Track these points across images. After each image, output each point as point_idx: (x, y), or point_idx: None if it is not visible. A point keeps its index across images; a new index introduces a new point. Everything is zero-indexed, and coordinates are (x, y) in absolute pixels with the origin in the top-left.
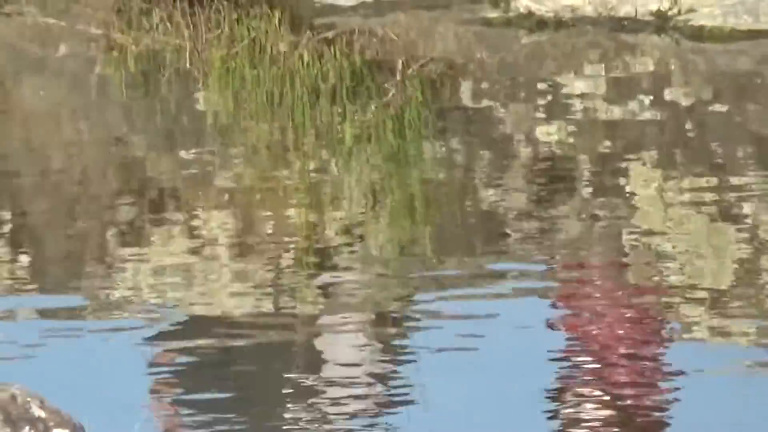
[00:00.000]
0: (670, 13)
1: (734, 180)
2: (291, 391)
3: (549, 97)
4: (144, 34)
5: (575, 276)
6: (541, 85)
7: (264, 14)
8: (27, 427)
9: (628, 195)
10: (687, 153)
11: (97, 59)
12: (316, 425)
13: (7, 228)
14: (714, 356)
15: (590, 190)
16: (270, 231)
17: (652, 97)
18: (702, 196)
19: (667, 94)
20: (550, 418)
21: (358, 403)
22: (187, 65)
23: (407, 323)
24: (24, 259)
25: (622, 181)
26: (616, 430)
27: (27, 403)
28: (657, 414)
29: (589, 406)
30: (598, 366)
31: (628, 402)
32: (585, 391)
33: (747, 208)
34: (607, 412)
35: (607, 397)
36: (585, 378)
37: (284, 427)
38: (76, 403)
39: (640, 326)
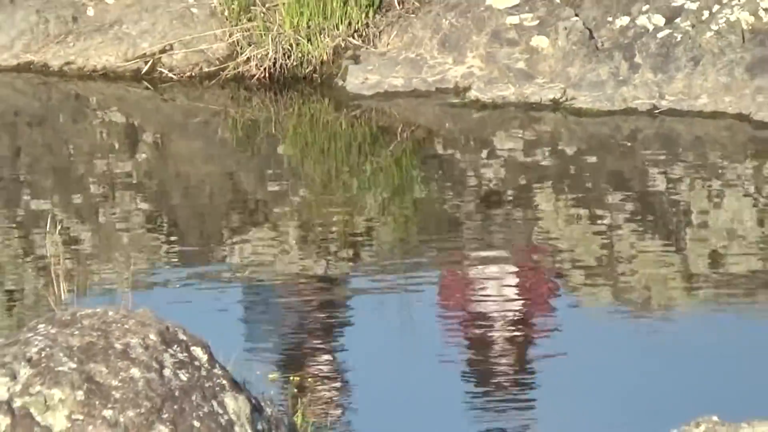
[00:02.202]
0: (561, 100)
1: (600, 200)
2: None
3: (488, 149)
4: (247, 110)
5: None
6: (483, 142)
7: (318, 99)
8: (175, 345)
9: (535, 207)
10: (571, 184)
11: (219, 125)
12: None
13: (163, 224)
14: (586, 307)
15: (512, 204)
16: (321, 225)
17: (549, 149)
18: (580, 209)
19: (559, 148)
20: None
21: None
22: (273, 130)
23: (401, 278)
24: (172, 240)
25: (531, 199)
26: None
27: (175, 331)
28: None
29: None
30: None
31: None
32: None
33: (607, 217)
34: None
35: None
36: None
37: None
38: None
39: (533, 286)
